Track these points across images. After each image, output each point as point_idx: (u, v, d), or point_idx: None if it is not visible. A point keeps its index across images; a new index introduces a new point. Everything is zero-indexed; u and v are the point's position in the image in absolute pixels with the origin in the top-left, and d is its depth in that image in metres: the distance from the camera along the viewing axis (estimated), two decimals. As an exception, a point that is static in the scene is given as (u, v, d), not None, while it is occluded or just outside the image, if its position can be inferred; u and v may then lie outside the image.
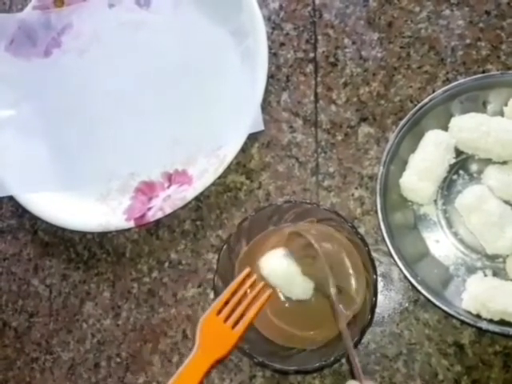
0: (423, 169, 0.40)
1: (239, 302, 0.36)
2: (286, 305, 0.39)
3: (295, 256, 0.38)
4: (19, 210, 0.50)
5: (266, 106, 0.47)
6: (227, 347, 0.34)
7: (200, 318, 0.36)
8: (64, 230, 0.47)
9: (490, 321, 0.36)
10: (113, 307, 0.45)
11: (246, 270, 0.38)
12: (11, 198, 0.49)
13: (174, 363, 0.43)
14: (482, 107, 0.41)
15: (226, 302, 0.36)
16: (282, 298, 0.39)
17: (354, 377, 0.32)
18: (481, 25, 0.45)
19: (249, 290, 0.37)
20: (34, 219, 0.49)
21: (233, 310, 0.36)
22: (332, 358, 0.35)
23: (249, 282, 0.37)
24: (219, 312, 0.36)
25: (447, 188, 0.41)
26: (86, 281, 0.47)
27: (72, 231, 0.47)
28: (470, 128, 0.39)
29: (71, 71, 0.52)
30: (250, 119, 0.44)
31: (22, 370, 0.46)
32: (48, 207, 0.47)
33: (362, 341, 0.40)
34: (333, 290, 0.35)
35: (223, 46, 0.49)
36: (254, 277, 0.38)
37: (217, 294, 0.39)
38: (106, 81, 0.51)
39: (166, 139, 0.47)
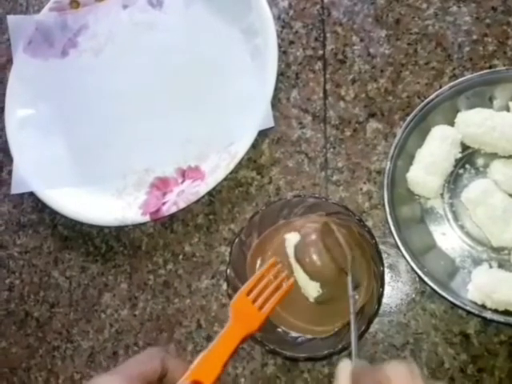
0: (430, 163, 0.40)
1: (266, 287, 0.39)
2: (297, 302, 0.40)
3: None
4: (39, 205, 0.52)
5: (275, 102, 0.48)
6: (256, 325, 0.37)
7: (232, 298, 0.39)
8: (82, 224, 0.49)
9: (495, 311, 0.37)
10: (130, 298, 0.47)
11: (272, 260, 0.40)
12: (31, 194, 0.50)
13: (188, 351, 0.45)
14: (488, 102, 0.42)
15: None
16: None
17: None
18: (487, 21, 0.45)
19: (272, 278, 0.40)
20: (54, 214, 0.51)
21: (260, 294, 0.38)
22: (340, 346, 0.36)
23: (273, 271, 0.40)
24: (248, 294, 0.39)
25: (453, 182, 0.42)
26: (103, 273, 0.49)
27: (90, 225, 0.49)
28: (475, 123, 0.40)
29: (87, 71, 0.54)
30: (260, 116, 0.45)
31: (43, 357, 0.48)
32: (67, 202, 0.49)
33: (370, 330, 0.41)
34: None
35: (234, 44, 0.50)
36: (279, 266, 0.40)
37: (230, 285, 0.40)
38: (121, 80, 0.52)
39: (180, 136, 0.49)
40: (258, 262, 0.42)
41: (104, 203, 0.48)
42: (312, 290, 0.39)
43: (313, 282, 0.39)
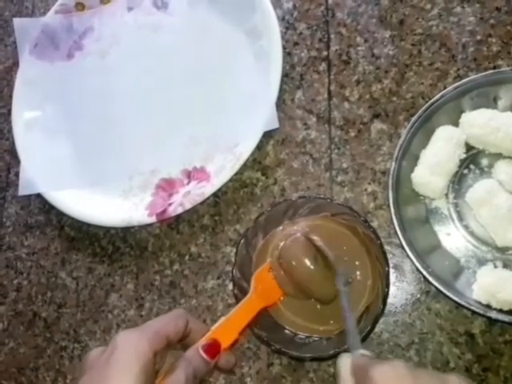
0: (434, 164, 0.41)
1: None
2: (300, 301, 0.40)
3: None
4: (46, 207, 0.52)
5: (280, 104, 0.48)
6: (275, 298, 0.40)
7: (255, 271, 0.41)
8: (89, 225, 0.50)
9: (500, 311, 0.37)
10: (136, 298, 0.48)
11: None
12: (38, 195, 0.51)
13: (195, 351, 0.45)
14: (492, 103, 0.42)
15: None
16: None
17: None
18: (491, 21, 0.46)
19: None
20: (61, 215, 0.51)
21: None
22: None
23: None
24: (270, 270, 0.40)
25: (458, 182, 0.42)
26: (110, 273, 0.49)
27: (96, 226, 0.49)
28: (480, 123, 0.40)
29: (93, 73, 0.54)
30: (265, 117, 0.46)
31: (51, 357, 0.49)
32: (73, 204, 0.49)
33: (376, 330, 0.41)
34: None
35: (238, 45, 0.50)
36: None
37: (235, 286, 0.41)
38: (126, 82, 0.53)
39: (185, 138, 0.49)
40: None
41: (110, 204, 0.48)
42: None
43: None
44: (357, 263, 0.40)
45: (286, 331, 0.40)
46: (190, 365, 0.31)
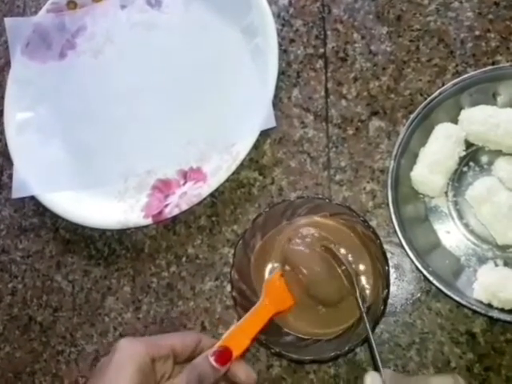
0: (434, 162, 0.40)
1: None
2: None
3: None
4: (40, 209, 0.51)
5: (277, 102, 0.47)
6: (286, 305, 0.39)
7: (267, 278, 0.40)
8: (84, 227, 0.49)
9: (501, 310, 0.37)
10: (133, 301, 0.47)
11: None
12: (33, 198, 0.50)
13: (193, 354, 0.45)
14: (492, 99, 0.41)
15: None
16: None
17: (375, 368, 0.33)
18: (490, 16, 0.45)
19: None
20: (55, 217, 0.50)
21: None
22: (346, 348, 0.36)
23: None
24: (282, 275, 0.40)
25: (458, 180, 0.42)
26: (106, 276, 0.48)
27: (92, 228, 0.49)
28: (479, 120, 0.40)
29: (86, 72, 0.54)
30: (261, 116, 0.45)
31: (48, 362, 0.48)
32: (68, 206, 0.48)
33: (376, 330, 0.41)
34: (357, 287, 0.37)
35: (234, 43, 0.50)
36: None
37: (234, 288, 0.40)
38: (121, 81, 0.52)
39: (181, 137, 0.48)
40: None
41: (106, 206, 0.48)
42: None
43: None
44: (359, 263, 0.40)
45: (286, 334, 0.39)
46: (194, 370, 0.31)
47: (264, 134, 0.46)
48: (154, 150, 0.49)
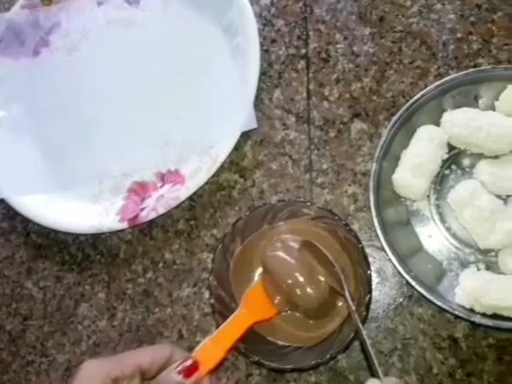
0: (416, 165, 0.40)
1: None
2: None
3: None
4: (10, 213, 0.49)
5: (258, 103, 0.46)
6: (266, 314, 0.37)
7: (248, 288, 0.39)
8: (57, 231, 0.47)
9: (483, 315, 0.36)
10: (108, 308, 0.45)
11: None
12: (2, 201, 0.48)
13: (170, 363, 0.43)
14: (473, 101, 0.41)
15: None
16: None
17: (372, 374, 0.32)
18: (472, 19, 0.45)
19: None
20: (26, 221, 0.48)
21: None
22: (328, 356, 0.35)
23: None
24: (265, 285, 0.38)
25: (440, 183, 0.41)
26: (80, 282, 0.46)
27: (65, 233, 0.47)
28: (461, 123, 0.39)
29: (60, 70, 0.52)
30: (242, 117, 0.44)
31: (17, 373, 0.46)
32: (40, 209, 0.46)
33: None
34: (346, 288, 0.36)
35: (214, 43, 0.48)
36: None
37: (212, 294, 0.39)
38: (96, 80, 0.50)
39: (158, 138, 0.47)
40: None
41: (79, 210, 0.46)
42: None
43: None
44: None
45: (267, 341, 0.38)
46: None
47: (245, 136, 0.45)
48: (130, 151, 0.47)
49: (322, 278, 0.37)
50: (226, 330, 0.35)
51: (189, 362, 0.31)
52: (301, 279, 0.37)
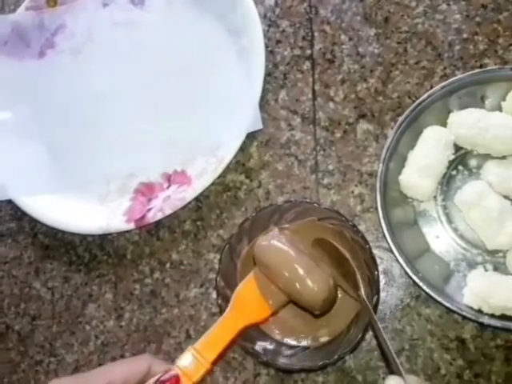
0: (423, 166, 0.40)
1: None
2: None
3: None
4: (18, 213, 0.50)
5: (263, 104, 0.46)
6: (260, 316, 0.33)
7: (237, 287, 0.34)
8: (64, 232, 0.47)
9: (492, 315, 0.36)
10: (115, 309, 0.46)
11: None
12: (10, 201, 0.48)
13: (177, 363, 0.43)
14: (480, 102, 0.41)
15: None
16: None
17: (391, 372, 0.31)
18: (477, 19, 0.45)
19: None
20: (34, 222, 0.48)
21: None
22: (335, 357, 0.35)
23: None
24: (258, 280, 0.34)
25: (446, 184, 0.41)
26: (87, 283, 0.47)
27: (72, 234, 0.47)
28: (468, 124, 0.39)
29: (66, 72, 0.52)
30: (248, 118, 0.44)
31: (26, 372, 0.46)
32: (47, 210, 0.46)
33: (365, 337, 0.40)
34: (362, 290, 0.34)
35: (219, 44, 0.48)
36: None
37: (219, 295, 0.39)
38: (102, 81, 0.50)
39: (164, 140, 0.47)
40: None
41: (86, 210, 0.46)
42: None
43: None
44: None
45: (273, 341, 0.38)
46: None
47: (250, 137, 0.45)
48: (137, 153, 0.47)
49: (328, 272, 0.34)
50: (211, 336, 0.31)
51: (167, 376, 0.28)
52: (300, 271, 0.32)
